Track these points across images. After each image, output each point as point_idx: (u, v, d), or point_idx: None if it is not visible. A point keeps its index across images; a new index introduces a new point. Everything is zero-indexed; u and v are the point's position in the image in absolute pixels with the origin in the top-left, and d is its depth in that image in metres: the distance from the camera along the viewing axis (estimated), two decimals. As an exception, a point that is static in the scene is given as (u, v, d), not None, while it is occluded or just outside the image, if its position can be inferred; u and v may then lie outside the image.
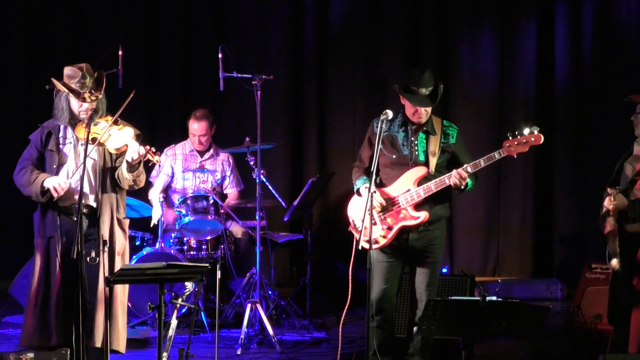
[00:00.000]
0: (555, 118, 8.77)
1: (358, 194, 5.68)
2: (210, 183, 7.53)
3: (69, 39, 8.81)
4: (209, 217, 7.15)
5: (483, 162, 5.46)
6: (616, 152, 5.98)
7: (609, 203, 5.40)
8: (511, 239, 8.87)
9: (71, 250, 5.22)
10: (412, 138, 5.57)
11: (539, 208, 8.82)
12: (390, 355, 5.70)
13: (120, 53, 6.49)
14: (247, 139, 7.22)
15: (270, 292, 7.13)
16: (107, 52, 6.24)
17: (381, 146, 5.53)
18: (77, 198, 5.31)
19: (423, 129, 5.59)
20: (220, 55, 6.88)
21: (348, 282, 5.51)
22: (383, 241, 5.55)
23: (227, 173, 7.72)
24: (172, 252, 7.08)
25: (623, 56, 8.56)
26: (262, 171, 6.95)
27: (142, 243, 7.39)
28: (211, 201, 7.18)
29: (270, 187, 7.26)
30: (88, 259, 5.41)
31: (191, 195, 7.22)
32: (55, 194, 5.45)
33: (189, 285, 5.44)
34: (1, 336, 6.77)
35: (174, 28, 8.93)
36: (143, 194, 7.27)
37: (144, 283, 6.39)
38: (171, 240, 7.30)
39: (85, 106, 5.48)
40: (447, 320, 4.54)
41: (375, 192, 5.38)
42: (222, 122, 8.12)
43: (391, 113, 5.41)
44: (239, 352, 6.35)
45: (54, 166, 5.56)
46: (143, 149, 5.44)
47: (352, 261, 5.52)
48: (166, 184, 7.57)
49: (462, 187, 5.48)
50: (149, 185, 7.29)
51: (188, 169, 7.58)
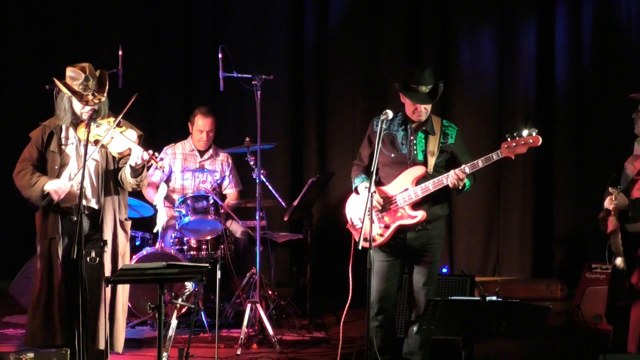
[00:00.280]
0: (555, 118, 8.76)
1: (356, 192, 5.69)
2: (209, 183, 7.53)
3: (69, 39, 8.81)
4: (209, 217, 7.14)
5: (481, 163, 5.45)
6: (616, 152, 5.98)
7: (610, 203, 5.41)
8: (511, 239, 8.86)
9: (71, 251, 5.22)
10: (412, 137, 5.58)
11: (539, 208, 8.81)
12: (390, 354, 5.70)
13: (120, 53, 6.50)
14: (247, 139, 7.22)
15: (270, 292, 7.14)
16: (107, 52, 6.24)
17: (380, 145, 5.54)
18: (78, 198, 5.31)
19: (422, 129, 5.59)
20: (220, 55, 6.88)
21: (348, 282, 5.50)
22: (380, 239, 5.55)
23: (227, 173, 7.71)
24: (172, 252, 7.08)
25: (623, 56, 8.56)
26: (262, 171, 6.95)
27: (142, 243, 7.39)
28: (211, 201, 7.18)
29: (270, 187, 7.26)
30: (88, 259, 5.40)
31: (191, 195, 7.22)
32: (55, 197, 5.45)
33: (189, 285, 5.44)
34: (1, 336, 6.76)
35: (174, 28, 8.93)
36: (141, 193, 7.26)
37: (144, 283, 6.38)
38: (171, 240, 7.30)
39: (87, 107, 5.47)
40: (447, 320, 4.54)
41: (375, 192, 5.38)
42: (222, 122, 8.11)
43: (391, 113, 5.41)
44: (239, 352, 6.35)
45: (56, 167, 5.55)
46: (147, 155, 5.41)
47: (351, 260, 5.52)
48: (161, 180, 7.54)
49: (460, 188, 5.48)
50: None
51: (187, 169, 7.57)
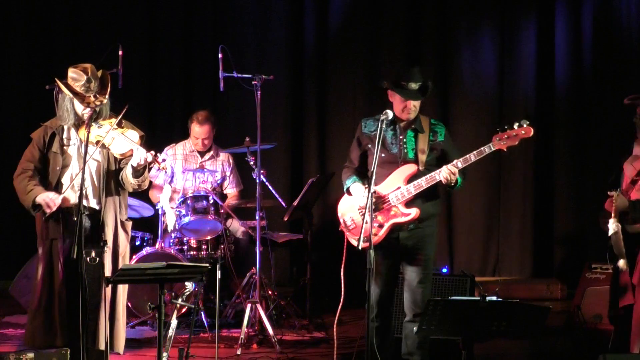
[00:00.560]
0: (555, 118, 8.76)
1: (348, 193, 5.68)
2: (210, 183, 7.52)
3: (69, 39, 8.81)
4: (209, 217, 7.14)
5: (473, 157, 5.43)
6: (616, 152, 5.98)
7: (610, 205, 5.39)
8: (511, 239, 8.86)
9: (71, 251, 5.22)
10: (401, 136, 5.56)
11: (539, 208, 8.81)
12: (389, 354, 5.70)
13: (120, 53, 6.49)
14: (247, 139, 7.22)
15: (270, 292, 7.14)
16: (107, 52, 6.23)
17: (370, 145, 5.54)
18: (78, 198, 5.31)
19: (411, 127, 5.57)
20: (220, 55, 6.87)
21: (340, 283, 5.51)
22: (374, 239, 5.54)
23: (227, 173, 7.71)
24: (172, 252, 7.08)
25: (623, 56, 8.55)
26: (262, 171, 6.95)
27: (142, 243, 7.39)
28: (211, 201, 7.18)
29: (270, 187, 7.26)
30: (88, 259, 5.40)
31: (191, 195, 7.22)
32: (47, 210, 5.46)
33: (189, 285, 5.44)
34: (1, 336, 6.76)
35: (174, 28, 8.93)
36: (143, 194, 7.26)
37: (144, 283, 6.38)
38: (171, 240, 7.30)
39: (89, 109, 5.47)
40: (447, 320, 4.54)
41: (374, 192, 5.38)
42: (222, 122, 8.11)
43: (391, 113, 5.39)
44: (239, 352, 6.35)
45: (58, 168, 5.54)
46: (150, 156, 5.40)
47: (344, 261, 5.53)
48: (165, 182, 7.54)
49: (452, 185, 5.47)
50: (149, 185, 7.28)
51: (188, 169, 7.57)
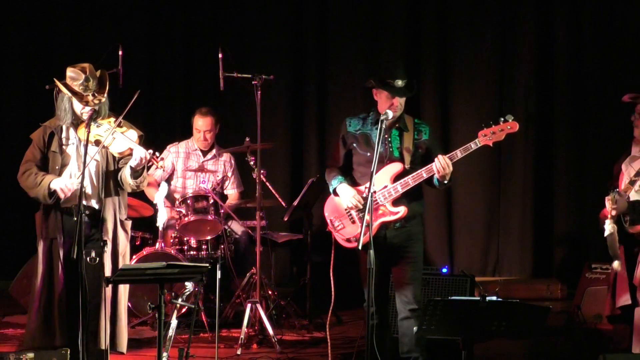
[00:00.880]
0: (555, 117, 8.76)
1: (335, 194, 5.66)
2: (210, 183, 7.52)
3: (69, 39, 8.82)
4: (209, 217, 7.15)
5: (460, 153, 5.41)
6: (616, 152, 5.98)
7: (610, 207, 5.38)
8: (511, 239, 8.86)
9: (71, 250, 5.22)
10: (386, 135, 5.55)
11: (539, 208, 8.81)
12: (388, 353, 5.69)
13: (120, 53, 6.50)
14: (247, 139, 7.22)
15: (270, 292, 7.14)
16: (107, 52, 6.24)
17: (355, 144, 5.54)
18: (78, 198, 5.31)
19: (396, 126, 5.55)
20: (220, 55, 6.88)
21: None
22: (364, 238, 5.51)
23: (229, 174, 7.72)
24: (172, 252, 7.08)
25: (623, 56, 8.55)
26: (262, 171, 6.95)
27: (142, 243, 7.39)
28: (211, 201, 7.18)
29: (270, 187, 7.26)
30: (88, 259, 5.40)
31: (191, 195, 7.22)
32: (62, 195, 5.44)
33: (189, 285, 5.44)
34: (1, 336, 6.76)
35: (174, 28, 8.94)
36: (143, 194, 7.26)
37: (144, 283, 6.38)
38: (171, 240, 7.30)
39: (87, 108, 5.47)
40: (447, 320, 4.54)
41: (374, 192, 5.37)
42: (222, 122, 8.11)
43: (391, 113, 5.38)
44: (239, 352, 6.35)
45: (57, 167, 5.54)
46: (148, 155, 5.40)
47: (332, 262, 5.54)
48: (163, 179, 7.54)
49: (446, 181, 5.45)
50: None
51: (189, 169, 7.57)
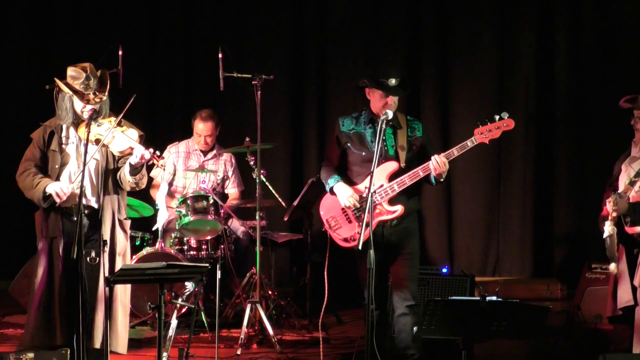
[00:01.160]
0: (555, 117, 8.76)
1: (331, 193, 5.66)
2: (210, 183, 7.52)
3: (69, 39, 8.81)
4: (209, 217, 7.14)
5: (456, 152, 5.43)
6: (616, 152, 5.98)
7: (611, 208, 5.37)
8: (511, 239, 8.85)
9: (71, 250, 5.22)
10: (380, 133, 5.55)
11: (539, 208, 8.81)
12: (389, 353, 5.69)
13: (120, 53, 6.49)
14: (247, 139, 7.23)
15: (270, 292, 7.14)
16: (107, 52, 6.24)
17: (349, 144, 5.54)
18: (78, 197, 5.31)
19: (389, 124, 5.56)
20: (220, 55, 6.87)
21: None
22: (362, 238, 5.52)
23: (229, 174, 7.72)
24: (172, 252, 7.08)
25: (623, 56, 8.55)
26: (262, 171, 6.95)
27: (142, 243, 7.39)
28: (211, 201, 7.18)
29: (270, 187, 7.26)
30: (88, 259, 5.40)
31: (191, 195, 7.22)
32: (57, 200, 5.45)
33: (189, 285, 5.44)
34: (1, 336, 6.76)
35: (174, 28, 8.93)
36: (143, 194, 7.26)
37: (144, 283, 6.38)
38: (171, 240, 7.30)
39: (88, 107, 5.47)
40: (447, 320, 4.54)
41: (374, 192, 5.37)
42: (222, 122, 8.11)
43: (391, 113, 5.38)
44: (239, 352, 6.34)
45: (57, 166, 5.55)
46: (148, 153, 5.40)
47: (327, 261, 5.53)
48: (168, 180, 7.55)
49: (443, 179, 5.45)
50: (149, 184, 7.28)
51: (189, 169, 7.57)
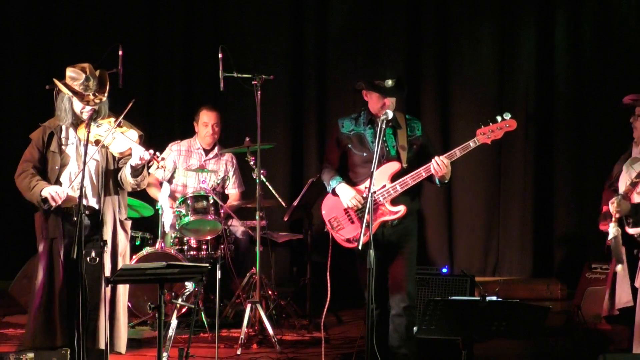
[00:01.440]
0: (555, 118, 8.76)
1: (333, 194, 5.66)
2: (211, 182, 7.52)
3: (69, 39, 8.81)
4: (209, 217, 7.14)
5: (459, 152, 5.45)
6: (616, 152, 5.98)
7: (614, 210, 5.37)
8: (511, 239, 8.86)
9: (71, 250, 5.22)
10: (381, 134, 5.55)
11: (539, 208, 8.81)
12: (387, 353, 5.68)
13: (120, 53, 6.49)
14: (247, 139, 7.22)
15: (270, 292, 7.14)
16: (107, 52, 6.23)
17: (350, 145, 5.54)
18: (78, 198, 5.31)
19: (389, 124, 5.56)
20: (220, 55, 6.87)
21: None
22: (364, 238, 5.52)
23: (230, 174, 7.71)
24: (172, 252, 7.08)
25: (623, 56, 8.55)
26: (262, 171, 6.95)
27: (142, 243, 7.39)
28: (211, 201, 7.18)
29: (270, 187, 7.26)
30: (88, 259, 5.40)
31: (191, 195, 7.22)
32: (53, 203, 5.44)
33: (189, 285, 5.44)
34: (1, 336, 6.76)
35: (174, 28, 8.93)
36: (143, 194, 7.26)
37: (144, 283, 6.38)
38: (171, 240, 7.30)
39: (88, 107, 5.47)
40: (447, 320, 4.54)
41: (375, 192, 5.37)
42: (223, 122, 8.11)
43: (391, 113, 5.39)
44: (239, 352, 6.34)
45: (57, 167, 5.54)
46: (148, 154, 5.39)
47: (329, 262, 5.53)
48: (165, 179, 7.54)
49: (446, 181, 5.45)
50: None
51: (190, 168, 7.57)
